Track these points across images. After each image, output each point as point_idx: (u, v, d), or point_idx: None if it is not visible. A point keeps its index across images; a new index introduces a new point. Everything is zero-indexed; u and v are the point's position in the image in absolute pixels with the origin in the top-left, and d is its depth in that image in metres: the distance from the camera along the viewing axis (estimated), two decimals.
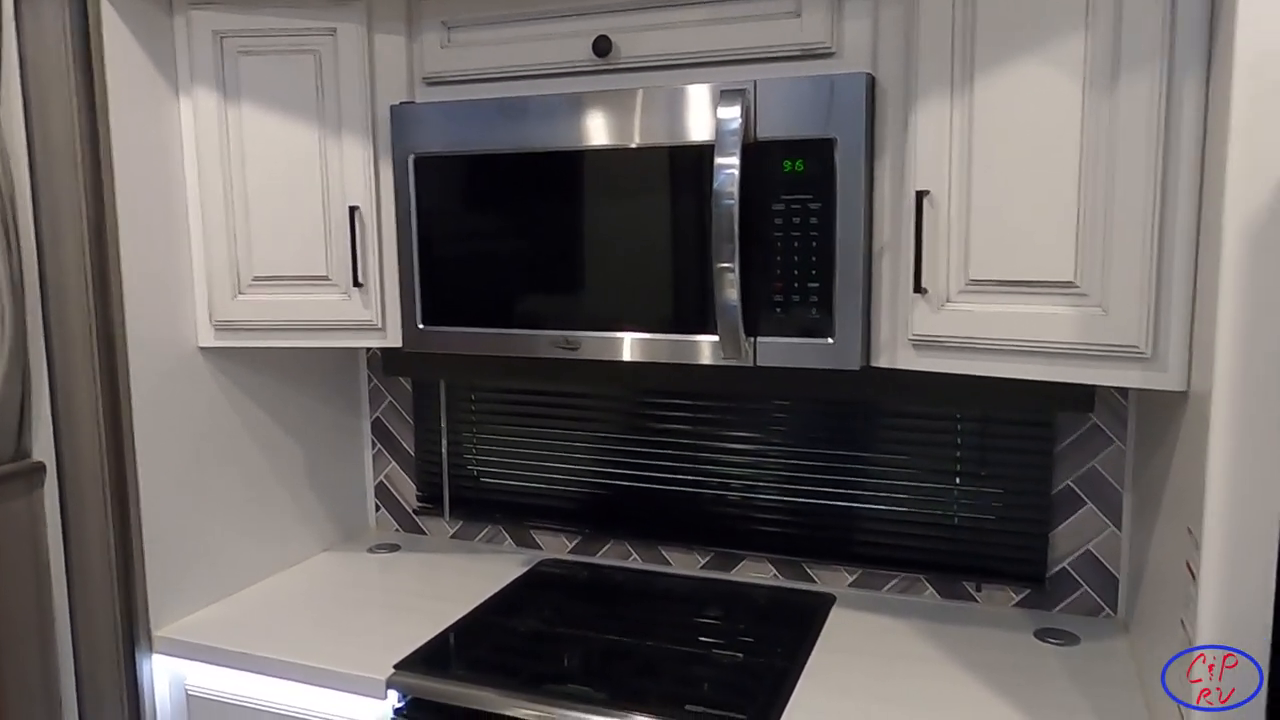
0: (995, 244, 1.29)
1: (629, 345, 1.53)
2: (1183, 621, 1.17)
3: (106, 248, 1.61)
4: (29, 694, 1.65)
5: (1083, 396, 1.63)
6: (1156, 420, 1.43)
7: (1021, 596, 1.75)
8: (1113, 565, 1.68)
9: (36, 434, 1.65)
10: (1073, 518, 1.69)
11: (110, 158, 1.58)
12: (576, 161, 1.51)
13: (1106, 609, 1.70)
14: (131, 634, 1.69)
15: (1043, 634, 1.63)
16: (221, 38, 1.65)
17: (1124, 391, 1.64)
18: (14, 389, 1.60)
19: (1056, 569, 1.72)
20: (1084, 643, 1.60)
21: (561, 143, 1.52)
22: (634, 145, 1.48)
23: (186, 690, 1.69)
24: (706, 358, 1.49)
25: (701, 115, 1.43)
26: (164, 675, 1.71)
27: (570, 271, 1.54)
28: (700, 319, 1.48)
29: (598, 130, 1.49)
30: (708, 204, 1.44)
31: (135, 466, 1.65)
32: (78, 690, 1.71)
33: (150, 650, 1.70)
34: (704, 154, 1.44)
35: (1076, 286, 1.24)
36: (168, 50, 1.66)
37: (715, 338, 1.47)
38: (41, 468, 1.65)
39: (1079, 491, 1.69)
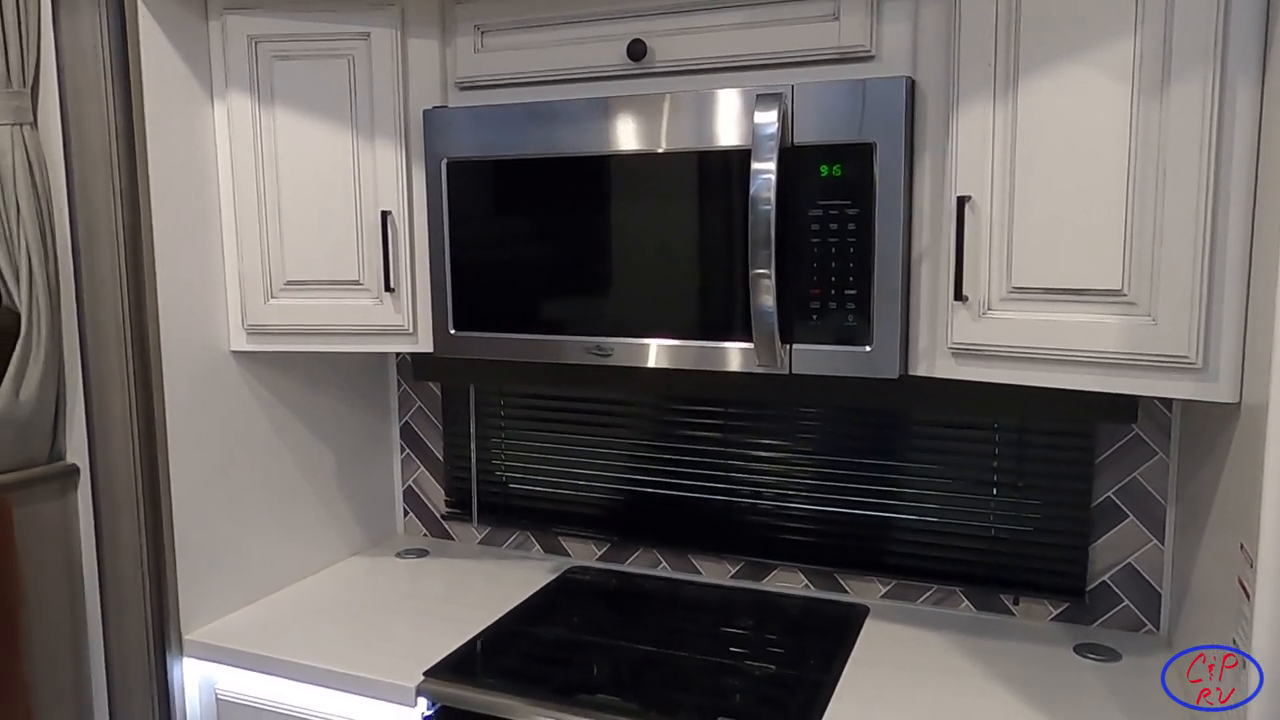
0: (1039, 251, 1.26)
1: (661, 352, 1.51)
2: (1235, 640, 1.13)
3: (141, 252, 1.61)
4: (60, 695, 1.66)
5: (1125, 406, 1.59)
6: (1204, 432, 1.40)
7: (1060, 610, 1.71)
8: (1155, 580, 1.64)
9: (70, 437, 1.66)
10: (1114, 530, 1.66)
11: (145, 163, 1.59)
12: (607, 167, 1.50)
13: (1149, 625, 1.66)
14: (162, 637, 1.70)
15: (1082, 649, 1.59)
16: (256, 42, 1.65)
17: (1168, 401, 1.60)
18: (49, 392, 1.61)
19: (1097, 583, 1.68)
20: (1125, 659, 1.56)
21: (592, 148, 1.50)
22: (661, 150, 1.46)
23: (216, 694, 1.69)
24: (739, 364, 1.47)
25: (731, 120, 1.42)
26: (194, 679, 1.71)
27: (602, 277, 1.53)
28: (734, 325, 1.46)
29: (627, 135, 1.48)
30: (742, 210, 1.42)
31: (167, 469, 1.65)
32: (109, 692, 1.71)
33: (181, 653, 1.70)
34: (733, 159, 1.42)
35: (1124, 295, 1.21)
36: (203, 55, 1.67)
37: (749, 344, 1.45)
38: (75, 470, 1.66)
39: (1120, 504, 1.65)
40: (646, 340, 1.52)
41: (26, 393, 1.57)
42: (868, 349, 1.39)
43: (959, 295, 1.33)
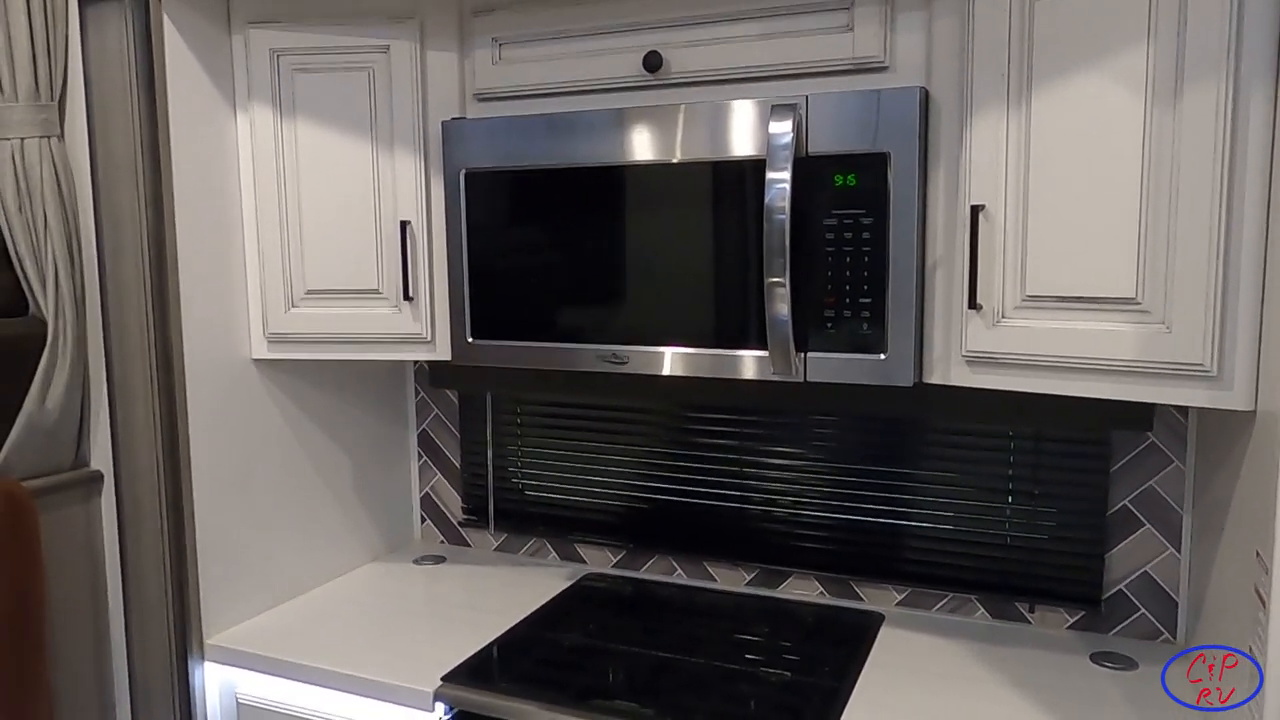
0: (1053, 259, 1.27)
1: (676, 360, 1.52)
2: (1251, 648, 1.13)
3: (165, 261, 1.64)
4: (83, 699, 1.68)
5: (1140, 414, 1.59)
6: (1220, 440, 1.40)
7: (1076, 619, 1.71)
8: (1172, 588, 1.64)
9: (95, 443, 1.68)
10: (1130, 539, 1.65)
11: (170, 174, 1.61)
12: (622, 177, 1.51)
13: (1165, 633, 1.65)
14: (184, 641, 1.72)
15: (1099, 658, 1.59)
16: (278, 55, 1.68)
17: (1183, 409, 1.60)
18: (74, 399, 1.64)
19: (1113, 591, 1.68)
20: (1142, 667, 1.56)
21: (607, 158, 1.52)
22: (676, 160, 1.48)
23: (237, 698, 1.71)
24: (754, 372, 1.48)
25: (746, 130, 1.43)
26: (215, 683, 1.73)
27: (618, 286, 1.54)
28: (749, 334, 1.47)
29: (643, 146, 1.50)
30: (757, 219, 1.43)
31: (190, 475, 1.68)
32: (130, 696, 1.73)
33: (202, 658, 1.72)
34: (748, 169, 1.43)
35: (1138, 303, 1.22)
36: (226, 68, 1.70)
37: (764, 352, 1.46)
38: (99, 477, 1.69)
39: (1136, 512, 1.65)
40: (662, 348, 1.53)
41: (52, 400, 1.60)
42: (882, 357, 1.40)
43: (973, 303, 1.34)
